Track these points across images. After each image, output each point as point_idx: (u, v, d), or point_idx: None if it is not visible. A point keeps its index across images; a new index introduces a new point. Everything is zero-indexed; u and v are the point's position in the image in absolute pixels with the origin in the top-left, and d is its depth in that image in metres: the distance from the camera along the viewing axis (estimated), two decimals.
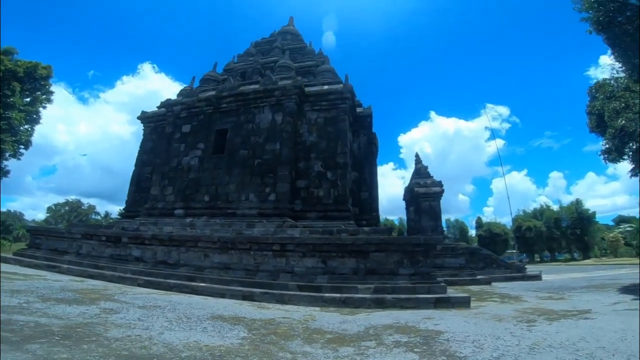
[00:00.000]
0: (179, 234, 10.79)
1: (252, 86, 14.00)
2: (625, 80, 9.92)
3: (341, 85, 13.78)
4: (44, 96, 19.19)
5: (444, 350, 4.01)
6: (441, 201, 17.30)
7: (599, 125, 10.21)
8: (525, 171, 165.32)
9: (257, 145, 13.02)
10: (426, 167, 18.84)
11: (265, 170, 12.58)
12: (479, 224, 50.54)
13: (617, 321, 5.16)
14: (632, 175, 10.81)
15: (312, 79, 15.46)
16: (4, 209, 52.57)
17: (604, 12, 8.41)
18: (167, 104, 14.99)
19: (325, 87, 14.08)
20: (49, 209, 58.22)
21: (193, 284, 9.23)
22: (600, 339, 4.14)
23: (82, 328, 4.50)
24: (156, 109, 16.40)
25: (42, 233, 13.94)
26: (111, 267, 10.77)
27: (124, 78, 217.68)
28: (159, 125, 15.78)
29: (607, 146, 9.93)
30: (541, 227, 45.38)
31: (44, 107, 19.31)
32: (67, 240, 12.87)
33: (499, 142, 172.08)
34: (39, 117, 18.84)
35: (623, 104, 9.26)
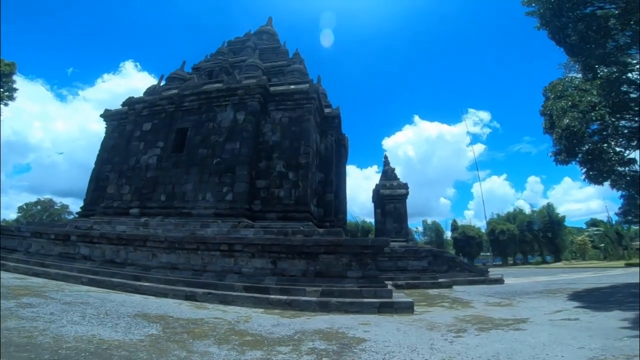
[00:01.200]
0: (126, 233, 10.46)
1: (216, 85, 13.79)
2: (577, 79, 9.94)
3: (307, 84, 13.69)
4: (6, 93, 18.52)
5: None
6: (407, 203, 17.41)
7: (552, 126, 10.08)
8: (504, 175, 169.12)
9: (217, 144, 12.79)
10: (393, 169, 18.92)
11: (223, 170, 12.35)
12: (455, 227, 51.23)
13: (545, 334, 5.15)
14: (584, 178, 10.83)
15: (282, 79, 15.34)
16: None
17: (545, 5, 8.32)
18: (129, 102, 14.59)
19: (292, 86, 13.97)
20: (21, 209, 56.41)
21: (137, 283, 9.00)
22: (512, 356, 4.06)
23: None
24: (120, 106, 15.94)
25: None
26: (57, 265, 10.39)
27: (105, 76, 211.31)
28: (121, 124, 15.35)
29: (557, 147, 9.91)
30: (514, 230, 46.38)
31: (6, 105, 18.63)
32: (17, 238, 12.36)
33: (480, 147, 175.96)
34: None
35: (570, 103, 9.22)
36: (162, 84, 15.60)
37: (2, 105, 18.27)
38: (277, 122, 13.44)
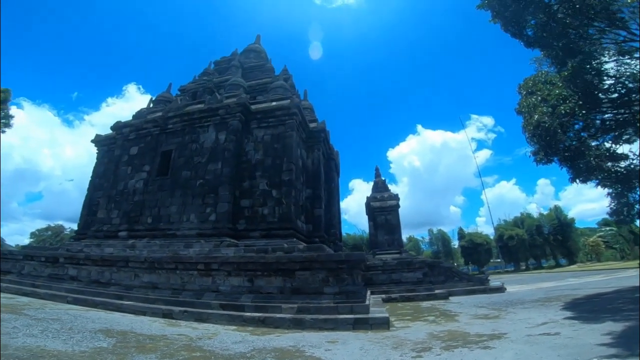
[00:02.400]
0: (109, 255, 10.58)
1: (198, 105, 14.06)
2: (549, 74, 9.57)
3: (288, 100, 13.82)
4: (3, 120, 18.90)
5: None
6: (399, 214, 17.13)
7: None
8: (514, 180, 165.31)
9: (199, 166, 12.94)
10: (384, 181, 18.75)
11: (206, 191, 12.45)
12: (461, 235, 49.88)
13: (511, 353, 4.88)
14: (571, 180, 10.35)
15: (266, 96, 15.53)
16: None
17: None
18: (117, 127, 14.96)
19: (273, 103, 14.14)
20: (33, 235, 58.16)
21: (118, 302, 9.15)
22: None
23: None
24: (110, 131, 16.32)
25: None
26: (46, 286, 10.67)
27: (109, 100, 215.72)
28: (111, 148, 15.67)
29: (535, 146, 9.51)
30: (523, 235, 44.96)
31: (3, 132, 19.05)
32: (11, 261, 12.71)
33: (487, 153, 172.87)
34: None
35: (540, 98, 8.89)
36: (150, 107, 15.96)
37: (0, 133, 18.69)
38: (260, 140, 13.54)
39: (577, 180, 9.64)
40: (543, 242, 45.58)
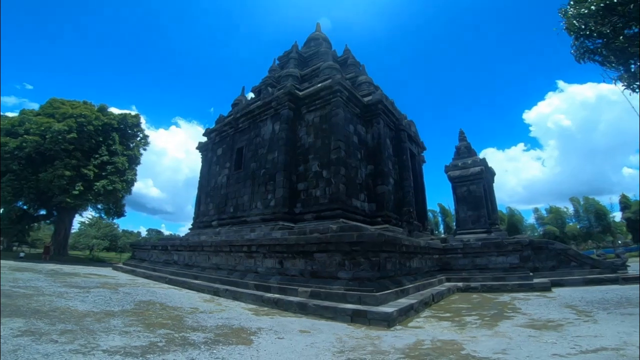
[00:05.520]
0: (192, 241, 12.91)
1: (257, 102, 15.22)
2: None
3: (330, 79, 13.38)
4: (142, 141, 24.71)
5: None
6: (491, 183, 13.91)
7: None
8: None
9: (262, 157, 14.12)
10: (468, 145, 15.25)
11: (267, 179, 13.53)
12: (625, 205, 35.60)
13: None
14: None
15: (316, 80, 15.43)
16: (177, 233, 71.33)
17: None
18: (207, 132, 17.85)
19: (318, 85, 13.95)
20: None
21: (192, 281, 11.07)
22: None
23: (33, 295, 7.21)
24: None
25: (136, 247, 18.84)
26: (159, 269, 13.92)
27: None
28: (207, 152, 18.78)
29: (614, 69, 6.10)
30: None
31: (145, 149, 24.87)
32: (146, 251, 17.05)
33: None
34: (139, 159, 24.45)
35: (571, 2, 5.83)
36: (229, 111, 18.27)
37: (142, 151, 24.36)
38: (311, 124, 13.68)
39: None
40: None
